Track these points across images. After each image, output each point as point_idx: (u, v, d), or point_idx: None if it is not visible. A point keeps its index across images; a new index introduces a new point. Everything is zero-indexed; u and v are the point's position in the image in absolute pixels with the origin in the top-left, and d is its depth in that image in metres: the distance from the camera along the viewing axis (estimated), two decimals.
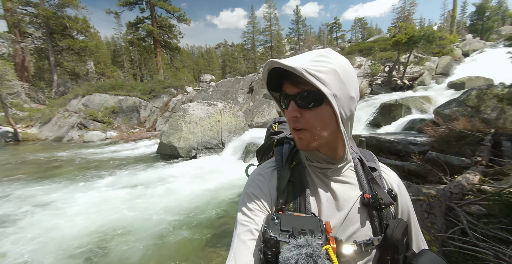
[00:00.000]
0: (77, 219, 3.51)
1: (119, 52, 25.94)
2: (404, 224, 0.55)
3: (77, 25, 18.47)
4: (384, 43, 18.33)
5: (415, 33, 11.67)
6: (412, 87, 12.51)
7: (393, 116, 7.54)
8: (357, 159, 0.62)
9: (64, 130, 12.62)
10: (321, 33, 51.55)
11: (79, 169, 6.43)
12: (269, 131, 0.83)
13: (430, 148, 4.10)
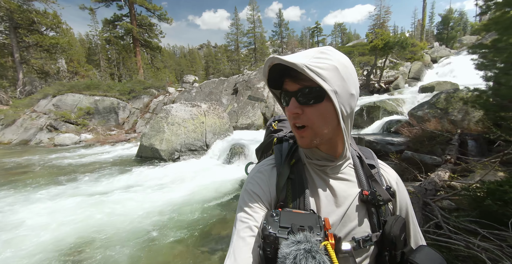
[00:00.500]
0: (42, 232, 3.21)
1: (94, 50, 24.52)
2: (402, 220, 0.55)
3: (47, 20, 17.16)
4: (362, 48, 19.24)
5: (390, 39, 12.43)
6: (388, 90, 13.25)
7: (372, 117, 7.93)
8: (356, 157, 0.62)
9: (31, 132, 11.63)
10: (303, 37, 52.92)
11: (46, 175, 5.93)
12: (269, 129, 0.84)
13: (406, 147, 4.36)
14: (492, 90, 3.47)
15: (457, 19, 29.14)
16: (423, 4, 29.46)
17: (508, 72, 3.21)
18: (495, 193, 1.47)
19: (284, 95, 0.53)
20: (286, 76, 0.51)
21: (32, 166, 6.98)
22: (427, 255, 0.53)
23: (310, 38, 45.50)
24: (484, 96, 3.56)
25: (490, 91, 3.50)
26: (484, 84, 3.65)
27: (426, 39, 29.37)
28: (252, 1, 30.50)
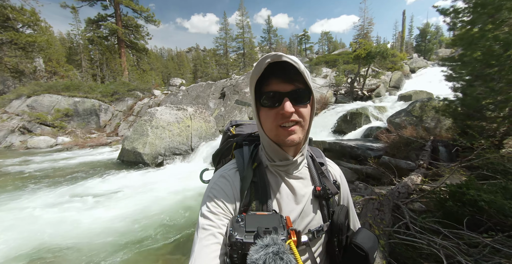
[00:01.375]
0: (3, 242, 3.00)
1: (76, 50, 23.57)
2: (345, 209, 0.65)
3: (23, 17, 16.32)
4: (347, 56, 20.07)
5: (372, 49, 13.07)
6: (370, 97, 13.85)
7: (354, 123, 8.22)
8: (309, 157, 0.70)
9: (1, 135, 10.86)
10: (291, 44, 54.21)
11: (13, 180, 5.55)
12: (227, 134, 0.83)
13: (384, 153, 4.57)
14: (459, 100, 3.76)
15: (434, 32, 31.35)
16: (402, 17, 31.46)
17: (472, 84, 3.51)
18: (455, 195, 1.60)
19: (273, 95, 0.54)
20: (273, 77, 0.53)
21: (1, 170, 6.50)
22: (364, 236, 0.63)
23: (298, 45, 46.75)
24: (453, 106, 3.85)
25: (457, 101, 3.80)
26: (453, 94, 3.96)
27: (406, 50, 31.18)
28: (241, 6, 30.93)
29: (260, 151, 0.65)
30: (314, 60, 25.30)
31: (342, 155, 4.82)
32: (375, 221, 1.59)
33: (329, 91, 13.50)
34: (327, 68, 19.92)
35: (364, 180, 3.97)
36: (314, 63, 22.96)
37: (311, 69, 18.59)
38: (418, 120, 5.45)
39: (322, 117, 9.85)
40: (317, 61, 23.63)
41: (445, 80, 4.05)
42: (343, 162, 4.55)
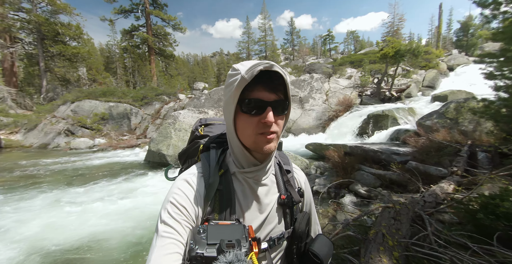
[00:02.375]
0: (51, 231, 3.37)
1: (112, 58, 25.93)
2: (307, 216, 0.66)
3: (70, 31, 18.46)
4: (374, 55, 19.05)
5: (402, 47, 12.23)
6: (399, 98, 12.93)
7: (380, 126, 7.74)
8: (277, 164, 0.70)
9: (50, 136, 12.29)
10: (315, 44, 53.17)
11: (61, 178, 6.23)
12: (194, 134, 0.78)
13: (411, 158, 4.21)
14: (502, 100, 3.33)
15: (478, 25, 28.17)
16: (439, 11, 28.93)
17: None
18: (488, 207, 1.40)
19: (256, 103, 0.53)
20: (258, 84, 0.52)
21: (47, 169, 7.36)
22: (321, 243, 0.64)
23: (322, 45, 45.67)
24: (494, 107, 3.42)
25: (500, 101, 3.37)
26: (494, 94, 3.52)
27: (443, 46, 28.59)
28: (263, 10, 31.31)
29: (228, 157, 0.64)
30: (338, 61, 24.47)
31: (364, 160, 4.56)
32: (389, 231, 1.46)
33: (354, 92, 12.91)
34: (352, 69, 19.11)
35: (388, 187, 3.71)
36: (338, 63, 22.20)
37: (334, 69, 17.99)
38: (453, 123, 4.94)
39: (344, 119, 9.45)
40: (341, 62, 22.81)
41: (485, 78, 3.62)
42: (364, 167, 4.30)
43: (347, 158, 4.49)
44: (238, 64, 0.54)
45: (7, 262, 2.71)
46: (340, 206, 3.17)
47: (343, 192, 3.78)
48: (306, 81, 13.28)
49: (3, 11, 16.68)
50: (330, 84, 13.47)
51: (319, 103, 11.77)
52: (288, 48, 40.55)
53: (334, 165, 4.61)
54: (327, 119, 10.74)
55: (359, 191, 3.62)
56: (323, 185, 4.10)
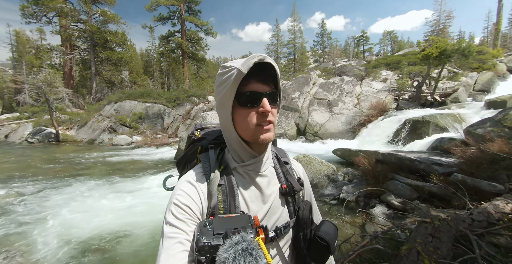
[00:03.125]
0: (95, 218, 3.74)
1: (150, 62, 28.20)
2: (309, 204, 0.68)
3: (116, 38, 20.62)
4: (414, 57, 17.54)
5: (448, 47, 11.02)
6: (444, 103, 11.64)
7: (419, 133, 7.04)
8: (274, 157, 0.73)
9: (97, 133, 13.77)
10: (347, 46, 51.10)
11: (104, 171, 6.92)
12: (191, 138, 0.80)
13: (457, 170, 3.72)
14: None
15: None
16: (498, 5, 25.45)
17: None
18: None
19: (250, 95, 0.56)
20: (252, 78, 0.55)
21: (92, 162, 8.24)
22: (326, 227, 0.66)
23: (355, 47, 43.66)
24: None
25: None
26: None
27: (502, 45, 25.05)
28: (294, 12, 31.10)
29: (227, 154, 0.66)
30: (373, 63, 23.06)
31: (399, 169, 4.17)
32: (425, 249, 1.28)
33: (389, 96, 12.01)
34: (388, 71, 17.84)
35: (427, 200, 3.33)
36: (372, 65, 20.93)
37: (367, 72, 17.00)
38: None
39: (377, 125, 8.82)
40: (376, 64, 21.45)
41: None
42: (399, 176, 3.93)
43: (379, 166, 4.16)
44: (227, 63, 0.56)
45: (50, 243, 3.06)
46: (369, 217, 2.93)
47: (374, 202, 3.50)
48: (336, 84, 12.77)
49: (66, 23, 19.35)
50: (363, 87, 12.73)
51: (349, 107, 11.20)
52: (318, 50, 39.57)
53: (363, 172, 4.31)
54: (357, 124, 10.15)
55: (392, 202, 3.31)
56: (351, 193, 3.85)
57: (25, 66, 22.06)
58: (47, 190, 5.09)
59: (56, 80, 13.52)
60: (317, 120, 10.81)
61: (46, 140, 13.28)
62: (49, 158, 8.70)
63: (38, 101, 17.57)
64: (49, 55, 21.12)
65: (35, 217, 3.76)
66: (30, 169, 7.06)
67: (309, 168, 4.91)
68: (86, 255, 2.80)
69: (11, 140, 14.20)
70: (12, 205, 4.28)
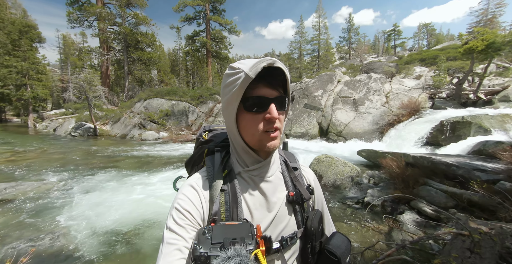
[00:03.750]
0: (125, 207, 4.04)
1: (177, 61, 29.45)
2: (319, 214, 0.64)
3: (147, 39, 21.87)
4: (455, 51, 15.93)
5: (497, 39, 9.78)
6: (490, 102, 10.41)
7: (459, 135, 6.38)
8: (283, 162, 0.69)
9: (128, 128, 14.80)
10: (376, 41, 48.18)
11: (134, 163, 7.42)
12: (199, 140, 0.80)
13: (504, 177, 3.30)
14: None
15: None
16: None
17: None
18: None
19: (258, 101, 0.53)
20: (260, 82, 0.52)
21: (124, 155, 8.89)
22: (338, 240, 0.62)
23: (385, 42, 40.96)
24: None
25: None
26: None
27: None
28: (319, 8, 30.09)
29: (232, 158, 0.63)
30: (405, 58, 21.42)
31: (432, 173, 3.82)
32: None
33: (423, 94, 11.07)
34: (422, 67, 16.44)
35: (466, 210, 3.01)
36: (403, 61, 19.46)
37: (398, 69, 15.84)
38: None
39: (408, 125, 8.19)
40: (409, 59, 19.89)
41: None
42: (432, 182, 3.60)
43: (408, 170, 3.85)
44: (236, 63, 0.53)
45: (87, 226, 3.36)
46: (396, 223, 2.73)
47: (402, 208, 3.25)
48: (363, 82, 12.10)
49: (104, 26, 21.02)
50: (392, 85, 11.89)
51: (376, 105, 10.54)
52: (344, 46, 37.88)
53: (391, 176, 4.03)
54: (385, 123, 9.52)
55: (423, 209, 3.04)
56: (377, 197, 3.63)
57: (70, 66, 24.52)
58: (85, 179, 5.61)
59: (94, 79, 14.79)
60: (341, 119, 10.37)
61: (86, 134, 14.65)
62: (88, 151, 9.59)
63: (80, 99, 19.40)
64: (89, 56, 23.19)
65: (75, 203, 4.17)
66: (72, 160, 7.85)
67: (331, 169, 4.74)
68: (115, 237, 3.03)
69: (58, 133, 15.91)
70: (57, 191, 4.80)
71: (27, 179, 5.58)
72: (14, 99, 19.32)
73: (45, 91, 20.21)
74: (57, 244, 2.93)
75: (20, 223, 3.45)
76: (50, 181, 5.49)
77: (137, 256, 2.73)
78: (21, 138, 13.30)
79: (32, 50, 19.51)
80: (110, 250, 2.81)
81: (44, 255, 2.70)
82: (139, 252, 2.80)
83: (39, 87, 19.59)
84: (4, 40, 18.62)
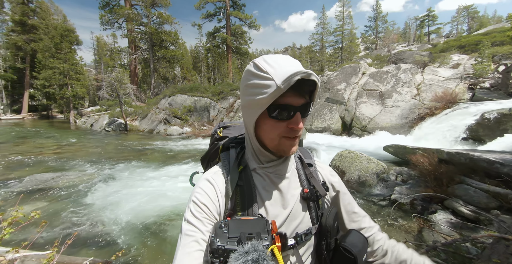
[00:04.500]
0: (153, 196, 4.32)
1: (198, 58, 30.14)
2: (335, 211, 0.62)
3: (170, 37, 22.63)
4: (502, 35, 14.12)
5: None
6: None
7: (503, 130, 5.72)
8: (297, 158, 0.68)
9: (155, 124, 15.64)
10: (406, 29, 44.46)
11: (160, 157, 7.87)
12: (214, 137, 0.81)
13: None
14: None
15: None
16: None
17: None
18: None
19: (284, 108, 0.51)
20: (290, 90, 0.50)
21: (151, 149, 9.45)
22: (354, 238, 0.60)
23: (417, 29, 37.61)
24: None
25: None
26: None
27: None
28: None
29: (247, 154, 0.64)
30: (440, 46, 19.48)
31: (471, 171, 3.48)
32: None
33: (461, 85, 10.04)
34: (461, 55, 14.84)
35: (510, 211, 2.71)
36: (439, 49, 17.72)
37: (432, 57, 14.49)
38: None
39: (442, 118, 7.53)
40: (445, 47, 18.05)
41: None
42: (471, 180, 3.29)
43: (442, 167, 3.56)
44: (263, 63, 0.51)
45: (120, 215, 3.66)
46: (427, 223, 2.55)
47: (434, 207, 3.03)
48: (390, 73, 11.32)
49: (132, 27, 22.18)
50: (425, 76, 10.94)
51: (406, 98, 9.82)
52: (370, 36, 35.54)
53: (422, 173, 3.76)
54: (416, 117, 8.84)
55: (459, 210, 2.80)
56: (405, 195, 3.42)
57: (103, 66, 26.44)
58: (118, 171, 6.10)
59: (124, 78, 15.80)
60: (366, 113, 9.85)
61: (118, 129, 15.81)
62: (119, 145, 10.36)
63: (112, 96, 20.91)
64: (119, 56, 24.73)
65: (110, 192, 4.56)
66: (107, 153, 8.55)
67: (354, 165, 4.56)
68: (146, 225, 3.27)
69: (94, 128, 17.38)
70: (95, 181, 5.29)
71: (70, 170, 6.22)
72: (58, 98, 21.41)
73: (82, 90, 22.08)
74: (95, 229, 3.25)
75: (65, 208, 3.88)
76: (89, 172, 6.06)
77: (164, 242, 2.93)
78: (64, 133, 14.79)
79: (71, 52, 21.33)
80: (140, 236, 3.05)
81: (85, 238, 3.01)
82: (165, 239, 3.00)
83: (78, 86, 21.44)
84: (49, 44, 20.58)
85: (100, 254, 2.66)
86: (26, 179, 5.11)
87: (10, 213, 1.57)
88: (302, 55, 36.77)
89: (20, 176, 5.45)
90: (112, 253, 2.32)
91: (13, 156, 7.69)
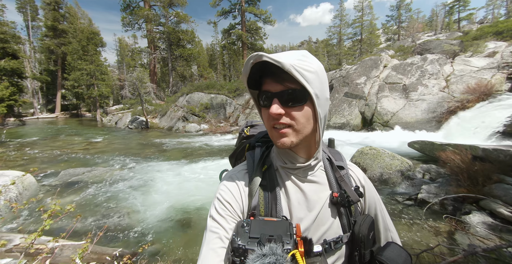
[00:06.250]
0: (176, 190, 4.49)
1: (214, 56, 30.47)
2: (370, 219, 0.56)
3: (187, 36, 23.05)
4: None
5: None
6: None
7: None
8: (326, 159, 0.64)
9: (174, 121, 16.14)
10: (433, 17, 41.28)
11: (179, 153, 8.13)
12: (241, 135, 0.82)
13: None
14: None
15: None
16: None
17: None
18: None
19: (264, 95, 0.52)
20: (267, 76, 0.51)
21: (171, 145, 9.78)
22: (393, 252, 0.54)
23: (446, 16, 34.73)
24: None
25: None
26: None
27: None
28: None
29: (272, 153, 0.63)
30: (473, 33, 17.86)
31: (510, 169, 3.18)
32: None
33: (497, 75, 9.15)
34: (498, 42, 13.51)
35: None
36: (471, 36, 16.26)
37: (463, 46, 13.34)
38: None
39: (476, 112, 6.95)
40: (478, 34, 16.52)
41: None
42: (511, 179, 3.00)
43: (477, 165, 3.28)
44: None
45: (146, 208, 3.84)
46: (461, 225, 2.38)
47: (468, 208, 2.81)
48: (415, 65, 10.62)
49: (150, 27, 22.92)
50: (455, 66, 10.11)
51: (433, 91, 9.17)
52: (392, 26, 33.49)
53: (453, 171, 3.50)
54: (444, 111, 8.24)
55: (498, 211, 2.58)
56: (434, 194, 3.22)
57: (125, 66, 27.69)
58: (142, 166, 6.41)
59: (144, 77, 16.43)
60: (388, 108, 9.36)
61: (140, 127, 16.56)
62: (141, 142, 10.86)
63: (134, 95, 21.86)
64: (140, 56, 25.70)
65: (135, 186, 4.81)
66: (131, 149, 9.01)
67: (376, 162, 4.37)
68: (170, 218, 3.41)
69: (118, 126, 18.37)
70: (121, 176, 5.60)
71: (99, 165, 6.65)
72: (86, 97, 22.91)
73: (107, 89, 23.34)
74: (124, 221, 3.45)
75: (95, 201, 4.16)
76: (116, 167, 6.42)
77: (187, 236, 3.03)
78: (92, 130, 15.80)
79: (96, 54, 22.59)
80: (166, 230, 3.18)
81: (113, 230, 3.20)
82: (189, 233, 3.10)
83: (103, 86, 22.73)
84: (77, 47, 21.96)
85: (128, 246, 2.82)
86: (61, 173, 5.54)
87: (49, 206, 1.70)
88: (319, 49, 35.68)
89: (56, 170, 5.93)
90: (140, 245, 2.45)
91: (49, 151, 8.38)
